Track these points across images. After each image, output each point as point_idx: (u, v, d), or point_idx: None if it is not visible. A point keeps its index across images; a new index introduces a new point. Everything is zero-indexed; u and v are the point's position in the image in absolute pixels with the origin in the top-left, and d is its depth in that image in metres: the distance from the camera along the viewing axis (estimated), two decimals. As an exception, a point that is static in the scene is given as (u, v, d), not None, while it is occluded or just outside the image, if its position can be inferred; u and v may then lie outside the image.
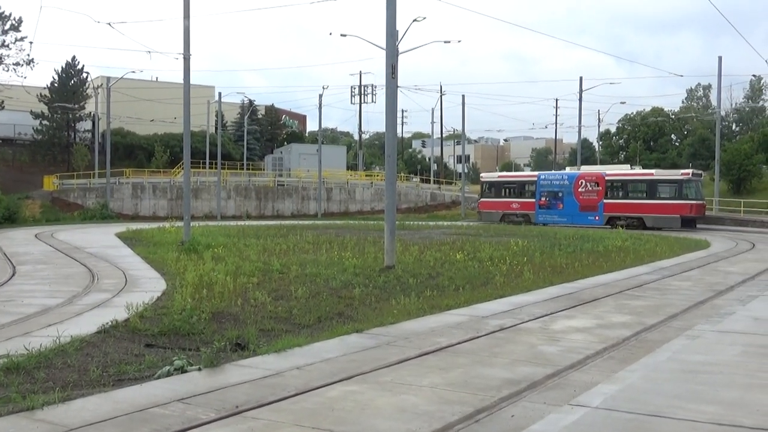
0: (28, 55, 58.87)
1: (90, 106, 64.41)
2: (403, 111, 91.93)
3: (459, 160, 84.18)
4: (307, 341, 9.27)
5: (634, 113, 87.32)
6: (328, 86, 75.77)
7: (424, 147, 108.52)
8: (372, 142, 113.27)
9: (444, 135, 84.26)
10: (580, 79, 59.73)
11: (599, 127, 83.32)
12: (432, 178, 77.30)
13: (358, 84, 71.24)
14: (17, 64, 58.34)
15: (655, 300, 13.57)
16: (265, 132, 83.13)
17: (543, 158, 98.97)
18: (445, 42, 50.15)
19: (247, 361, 8.26)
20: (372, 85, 71.74)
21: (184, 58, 24.78)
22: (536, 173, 51.67)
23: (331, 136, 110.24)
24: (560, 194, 46.45)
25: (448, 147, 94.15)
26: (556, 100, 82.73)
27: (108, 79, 56.28)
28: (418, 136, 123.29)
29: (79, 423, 5.89)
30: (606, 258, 21.51)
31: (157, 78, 74.77)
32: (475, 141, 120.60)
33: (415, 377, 7.48)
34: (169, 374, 7.54)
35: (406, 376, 7.51)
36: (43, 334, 9.50)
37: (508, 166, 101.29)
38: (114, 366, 7.99)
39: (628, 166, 50.56)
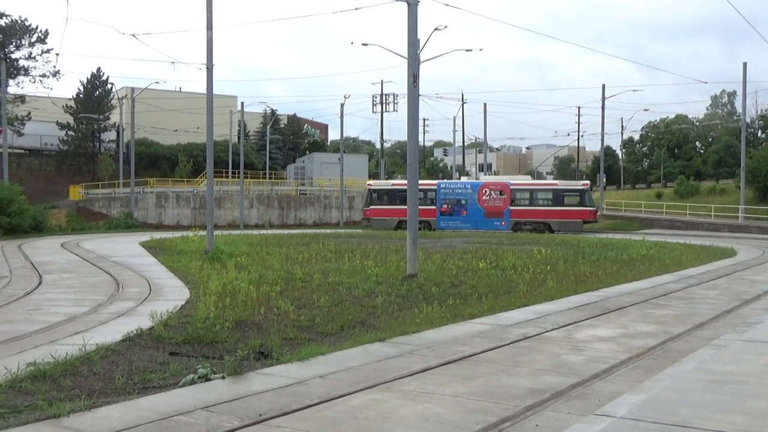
0: (54, 66, 59.88)
1: (115, 117, 65.13)
2: (424, 119, 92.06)
3: (481, 168, 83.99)
4: (329, 350, 9.28)
5: (658, 120, 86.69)
6: (349, 95, 76.08)
7: (445, 155, 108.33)
8: (394, 151, 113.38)
9: (466, 143, 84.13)
10: (603, 86, 59.40)
11: (622, 134, 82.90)
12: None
13: (380, 93, 71.34)
14: (44, 75, 59.36)
15: (680, 309, 13.43)
16: (287, 141, 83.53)
17: (566, 166, 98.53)
18: (466, 50, 50.02)
19: (270, 369, 8.29)
20: (393, 94, 71.85)
21: (207, 68, 24.98)
22: (435, 182, 53.28)
23: (352, 145, 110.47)
24: (463, 201, 49.06)
25: (470, 155, 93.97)
26: (579, 107, 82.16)
27: (132, 89, 56.90)
28: (439, 144, 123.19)
29: (104, 430, 5.94)
30: (630, 266, 21.32)
31: (180, 88, 75.56)
32: (497, 149, 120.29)
33: (438, 386, 7.46)
34: (193, 382, 7.58)
35: (429, 385, 7.49)
36: (69, 342, 9.59)
37: (531, 174, 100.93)
38: (139, 374, 8.05)
39: (529, 177, 55.68)
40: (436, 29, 38.38)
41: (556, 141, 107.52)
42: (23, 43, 58.52)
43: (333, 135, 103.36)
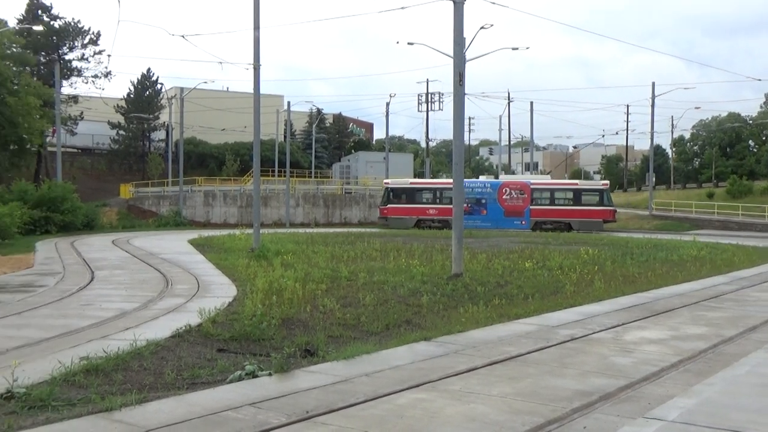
0: (106, 67, 61.12)
1: (164, 116, 66.29)
2: (470, 118, 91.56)
3: (527, 167, 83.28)
4: (375, 348, 9.31)
5: (710, 119, 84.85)
6: (395, 94, 76.26)
7: (491, 154, 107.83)
8: (439, 150, 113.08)
9: (512, 142, 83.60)
10: (653, 84, 58.36)
11: (672, 133, 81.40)
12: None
13: (425, 92, 71.20)
14: (96, 76, 60.59)
15: (733, 311, 13.14)
16: (332, 140, 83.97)
17: (613, 165, 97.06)
18: (512, 49, 49.69)
19: (316, 367, 8.34)
20: (439, 93, 71.60)
21: (255, 68, 25.22)
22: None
23: (398, 144, 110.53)
24: (483, 201, 49.50)
25: (516, 154, 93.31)
26: (627, 106, 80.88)
27: (181, 89, 57.76)
28: (485, 143, 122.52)
29: (155, 425, 6.04)
30: (681, 267, 20.94)
31: (228, 88, 76.46)
32: (544, 148, 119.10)
33: (484, 386, 7.42)
34: (240, 379, 7.67)
35: (474, 385, 7.46)
36: (121, 337, 9.78)
37: (578, 174, 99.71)
38: (188, 370, 8.18)
39: (548, 176, 55.75)
40: (482, 28, 38.17)
41: (604, 140, 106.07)
42: (76, 44, 59.84)
43: (378, 134, 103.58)
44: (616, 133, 79.55)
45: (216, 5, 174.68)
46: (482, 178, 54.87)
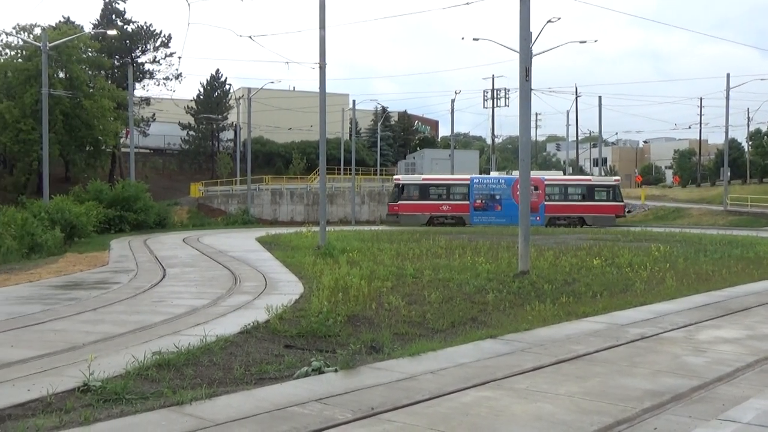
0: (177, 69, 62.51)
1: (232, 117, 67.53)
2: (536, 114, 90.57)
3: (595, 163, 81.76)
4: (440, 346, 9.29)
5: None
6: (460, 91, 76.03)
7: (558, 150, 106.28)
8: (505, 146, 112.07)
9: (580, 137, 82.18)
10: (727, 75, 56.42)
11: (749, 126, 78.54)
12: (567, 182, 75.34)
13: (491, 88, 70.55)
14: (167, 78, 62.21)
15: (813, 310, 12.63)
16: (397, 138, 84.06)
17: (686, 160, 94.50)
18: (580, 42, 48.94)
19: (381, 364, 8.37)
20: (505, 89, 70.87)
21: (320, 67, 25.44)
22: (468, 176, 52.17)
23: (463, 141, 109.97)
24: (497, 197, 49.28)
25: (584, 150, 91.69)
26: (701, 99, 78.49)
27: (249, 90, 58.73)
28: (552, 139, 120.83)
29: (224, 419, 6.17)
30: (757, 265, 20.22)
31: (294, 87, 77.36)
32: (613, 143, 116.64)
33: (551, 385, 7.33)
34: (307, 375, 7.75)
35: (541, 384, 7.37)
36: (191, 333, 10.01)
37: (648, 169, 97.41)
38: (256, 365, 8.31)
39: (561, 172, 56.89)
40: (549, 21, 37.75)
41: (675, 134, 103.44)
42: (148, 47, 61.50)
43: (443, 131, 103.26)
44: (689, 127, 77.65)
45: (282, 6, 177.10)
46: (494, 174, 54.66)
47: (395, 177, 53.38)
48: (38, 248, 25.57)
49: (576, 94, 72.10)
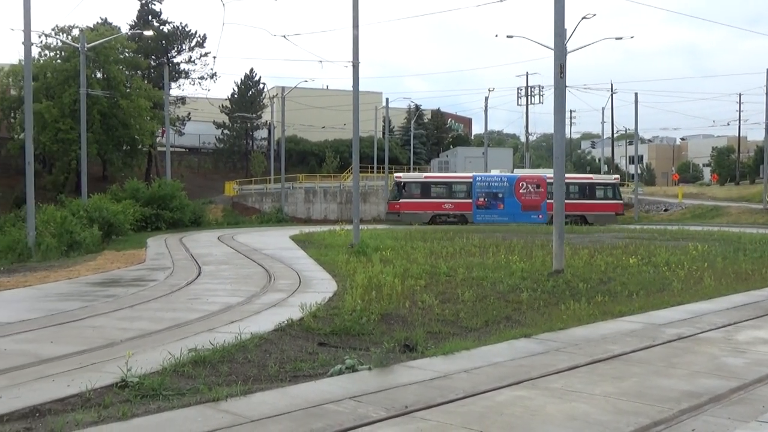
0: (212, 69, 63.12)
1: (266, 115, 67.95)
2: (571, 111, 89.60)
3: (631, 160, 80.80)
4: (474, 345, 9.26)
5: (830, 106, 79.75)
6: (494, 88, 75.22)
7: (593, 148, 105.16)
8: (539, 144, 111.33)
9: (615, 135, 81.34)
10: (767, 71, 55.43)
11: (789, 122, 76.92)
12: (602, 180, 74.58)
13: (525, 85, 70.11)
14: (202, 78, 62.81)
15: None
16: (431, 136, 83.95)
17: (724, 157, 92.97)
18: (616, 39, 48.28)
19: (415, 362, 8.37)
20: (539, 86, 70.37)
21: (353, 66, 25.48)
22: (470, 174, 51.74)
23: (497, 139, 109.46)
24: (500, 195, 49.12)
25: (620, 147, 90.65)
26: (739, 95, 77.10)
27: (282, 89, 59.04)
28: (587, 136, 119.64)
29: (258, 415, 6.21)
30: (798, 264, 19.79)
31: (327, 86, 77.65)
32: (649, 140, 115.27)
33: (586, 385, 7.26)
34: (341, 372, 7.78)
35: (576, 384, 7.31)
36: (226, 330, 10.10)
37: (686, 166, 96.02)
38: (290, 363, 8.36)
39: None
40: (584, 18, 37.35)
41: (713, 131, 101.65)
42: (184, 47, 62.14)
43: (477, 129, 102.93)
44: (728, 124, 76.34)
45: (316, 5, 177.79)
46: (494, 171, 54.29)
47: (396, 175, 52.66)
48: (77, 246, 26.00)
49: (611, 90, 71.43)
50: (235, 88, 68.81)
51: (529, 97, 69.74)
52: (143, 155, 54.99)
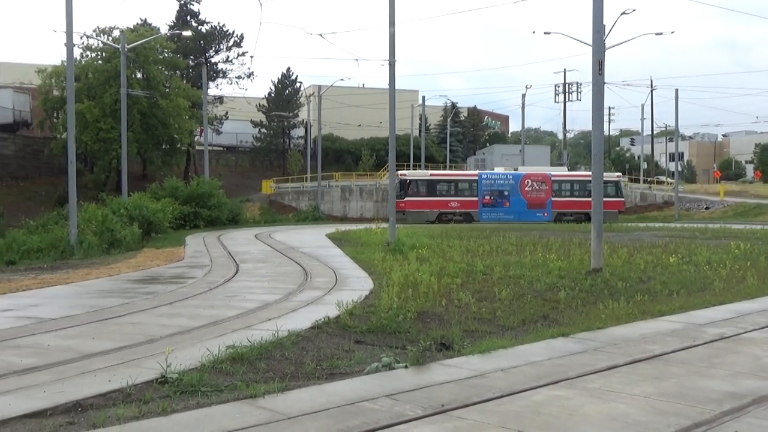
0: (249, 68, 63.67)
1: (302, 114, 68.34)
2: (610, 108, 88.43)
3: (671, 157, 79.62)
4: (511, 343, 9.20)
5: None
6: (531, 86, 75.08)
7: (632, 145, 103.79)
8: (577, 141, 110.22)
9: (655, 131, 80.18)
10: (812, 66, 54.19)
11: (835, 118, 75.14)
12: (642, 178, 73.78)
13: (562, 82, 69.54)
14: (239, 77, 63.30)
15: None
16: (467, 134, 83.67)
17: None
18: (656, 34, 47.87)
19: (451, 360, 8.35)
20: (577, 83, 69.74)
21: (390, 64, 25.49)
22: (476, 172, 51.71)
23: (534, 136, 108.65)
24: (506, 193, 49.09)
25: (660, 144, 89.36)
26: (783, 90, 75.64)
27: (319, 87, 59.31)
28: (626, 133, 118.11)
29: (296, 412, 6.25)
30: None
31: (363, 84, 77.72)
32: (690, 137, 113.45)
33: (625, 385, 7.17)
34: (377, 370, 7.79)
35: (615, 384, 7.23)
36: (263, 327, 10.18)
37: (727, 164, 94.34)
38: (326, 360, 8.39)
39: (565, 168, 56.62)
40: (623, 13, 36.97)
41: (756, 127, 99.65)
42: (222, 47, 62.68)
43: (514, 127, 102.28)
44: (771, 120, 74.46)
45: (352, 3, 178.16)
46: (498, 169, 54.21)
47: (400, 173, 51.71)
48: (117, 243, 26.44)
49: (651, 87, 70.46)
50: (272, 87, 69.29)
51: (566, 94, 69.15)
52: (182, 154, 55.64)
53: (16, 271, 19.53)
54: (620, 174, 54.27)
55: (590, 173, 54.85)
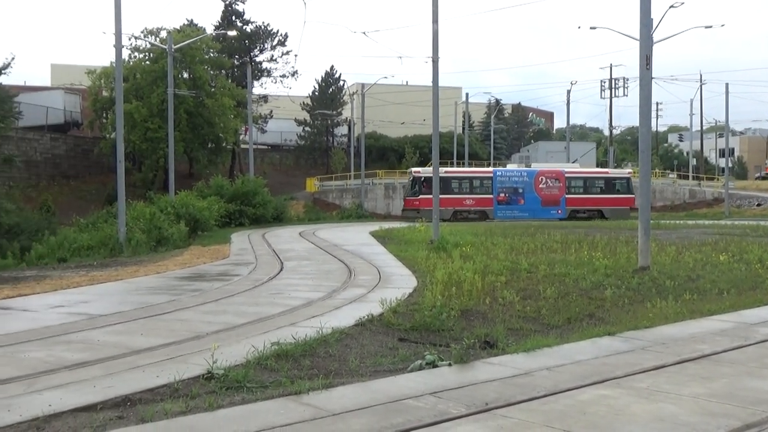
0: (293, 67, 64.22)
1: (346, 112, 68.59)
2: (657, 103, 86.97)
3: (722, 153, 77.95)
4: (556, 342, 9.11)
5: None
6: (576, 81, 74.28)
7: (681, 141, 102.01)
8: (623, 138, 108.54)
9: (704, 127, 78.58)
10: None
11: None
12: (690, 174, 72.38)
13: (609, 77, 68.48)
14: (283, 76, 63.80)
15: None
16: (511, 130, 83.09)
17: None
18: (705, 27, 46.78)
19: (495, 359, 8.30)
20: (623, 78, 68.61)
21: (433, 61, 25.42)
22: (491, 169, 51.13)
23: (579, 133, 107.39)
24: (520, 190, 48.42)
25: (709, 140, 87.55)
26: (839, 83, 73.55)
27: (362, 85, 59.48)
28: (674, 129, 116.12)
29: (340, 409, 6.28)
30: None
31: (407, 82, 77.76)
32: (741, 132, 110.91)
33: (674, 385, 7.04)
34: (421, 368, 7.78)
35: (663, 384, 7.10)
36: (308, 324, 10.24)
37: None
38: (370, 357, 8.42)
39: (577, 164, 56.04)
40: (671, 7, 36.33)
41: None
42: (266, 46, 63.24)
43: (559, 123, 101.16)
44: (826, 114, 72.49)
45: (396, 1, 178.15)
46: (510, 166, 53.82)
47: (414, 170, 51.12)
48: (165, 241, 26.88)
49: (700, 81, 69.09)
50: (316, 86, 69.66)
51: (613, 89, 68.09)
52: (227, 153, 56.29)
53: (67, 269, 20.01)
54: (631, 171, 53.59)
55: (603, 170, 54.63)
